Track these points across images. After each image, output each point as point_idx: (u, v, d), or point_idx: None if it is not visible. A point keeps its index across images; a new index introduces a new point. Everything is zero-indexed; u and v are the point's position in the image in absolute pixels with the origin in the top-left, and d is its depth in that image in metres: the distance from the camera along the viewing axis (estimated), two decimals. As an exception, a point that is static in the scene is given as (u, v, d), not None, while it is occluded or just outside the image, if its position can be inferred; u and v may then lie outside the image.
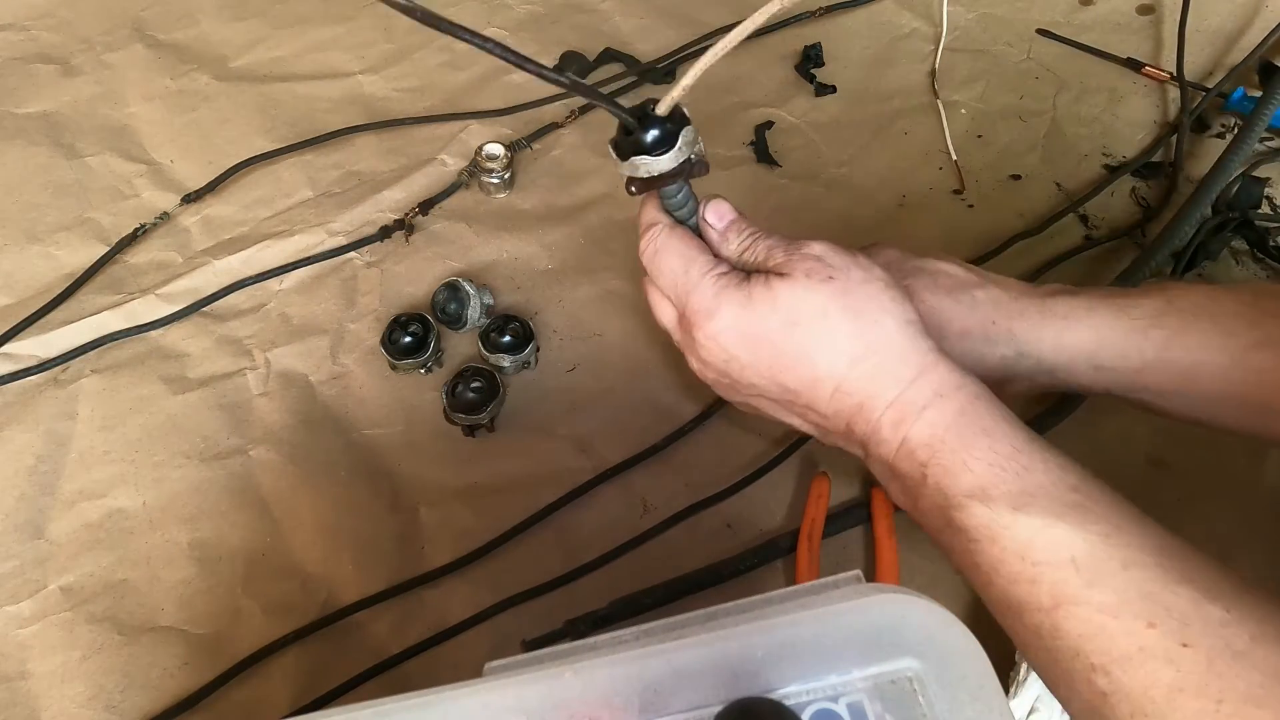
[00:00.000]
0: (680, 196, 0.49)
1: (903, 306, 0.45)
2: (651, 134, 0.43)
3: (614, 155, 0.45)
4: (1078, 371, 0.50)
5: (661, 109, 0.43)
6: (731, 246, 0.49)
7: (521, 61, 0.36)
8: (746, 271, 0.48)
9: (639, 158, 0.44)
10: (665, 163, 0.44)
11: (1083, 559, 0.37)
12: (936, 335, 0.46)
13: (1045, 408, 0.63)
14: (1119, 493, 0.40)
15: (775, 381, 0.47)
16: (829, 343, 0.44)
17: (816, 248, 0.46)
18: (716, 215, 0.50)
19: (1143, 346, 0.48)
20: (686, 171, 0.45)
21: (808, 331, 0.45)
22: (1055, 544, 0.38)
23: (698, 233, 0.50)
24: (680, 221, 0.50)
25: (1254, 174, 0.74)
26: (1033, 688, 0.50)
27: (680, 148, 0.44)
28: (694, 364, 0.51)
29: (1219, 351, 0.47)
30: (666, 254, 0.49)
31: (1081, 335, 0.50)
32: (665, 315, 0.51)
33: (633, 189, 0.46)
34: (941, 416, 0.42)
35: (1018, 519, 0.39)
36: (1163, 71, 0.82)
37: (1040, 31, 0.87)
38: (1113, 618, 0.36)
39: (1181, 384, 0.48)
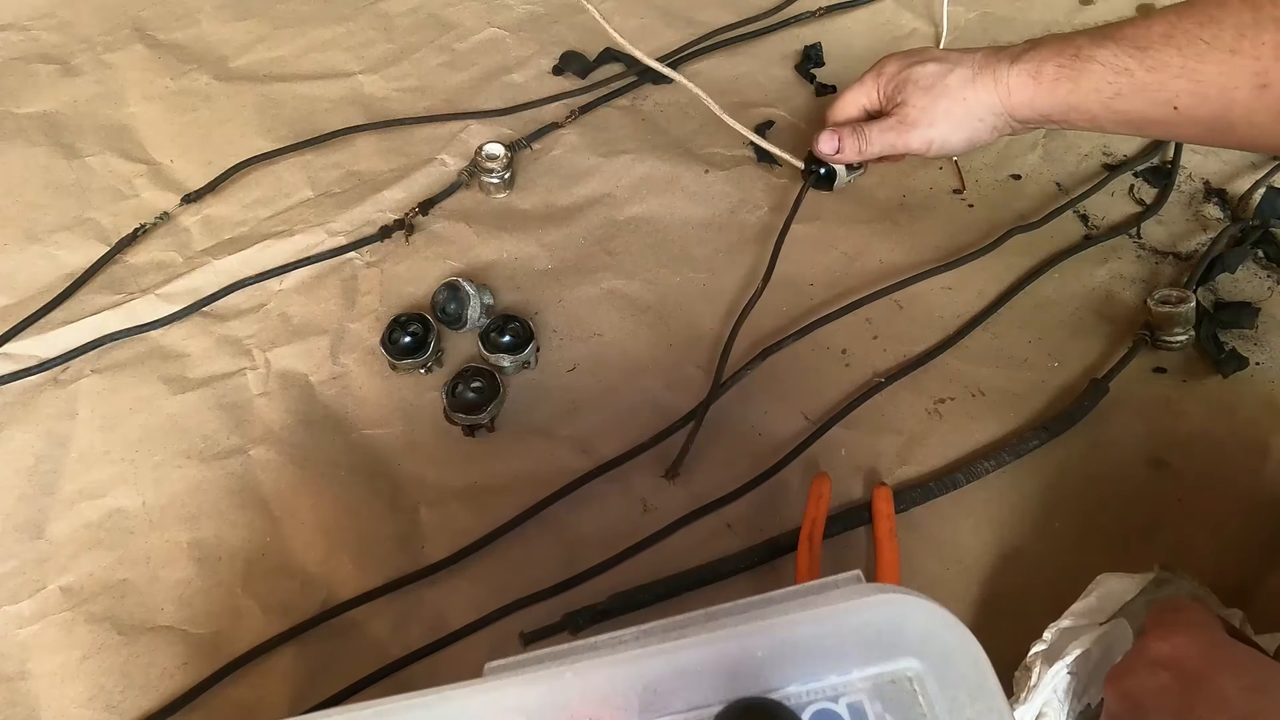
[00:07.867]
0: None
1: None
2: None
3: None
4: (1034, 123, 0.63)
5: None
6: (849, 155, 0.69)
7: None
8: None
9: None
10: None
11: None
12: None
13: (1052, 415, 0.63)
14: None
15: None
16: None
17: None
18: (830, 149, 0.69)
19: (1106, 116, 0.58)
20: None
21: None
22: None
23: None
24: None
25: (1276, 185, 0.73)
26: (1042, 693, 0.50)
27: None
28: None
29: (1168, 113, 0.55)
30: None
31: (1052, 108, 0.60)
32: None
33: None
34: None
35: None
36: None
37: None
38: None
39: (1134, 129, 0.59)
